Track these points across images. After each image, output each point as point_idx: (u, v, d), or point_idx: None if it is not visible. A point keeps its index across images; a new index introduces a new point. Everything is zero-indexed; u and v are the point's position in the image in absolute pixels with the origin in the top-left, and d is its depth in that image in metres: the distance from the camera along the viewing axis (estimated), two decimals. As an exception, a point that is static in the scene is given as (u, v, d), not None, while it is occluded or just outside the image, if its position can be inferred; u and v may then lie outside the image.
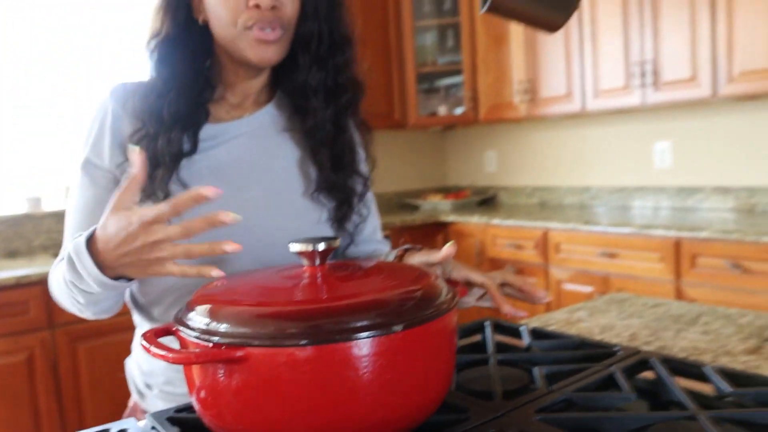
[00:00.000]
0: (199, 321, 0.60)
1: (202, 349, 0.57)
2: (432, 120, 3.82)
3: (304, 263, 0.67)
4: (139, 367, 0.99)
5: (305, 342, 0.54)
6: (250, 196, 0.94)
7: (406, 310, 0.59)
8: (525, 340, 0.91)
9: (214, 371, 0.58)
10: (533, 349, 0.89)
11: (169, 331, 0.64)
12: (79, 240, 0.77)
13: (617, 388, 0.72)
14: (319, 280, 0.64)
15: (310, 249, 0.65)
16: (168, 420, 0.70)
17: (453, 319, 0.64)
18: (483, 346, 0.91)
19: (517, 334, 0.94)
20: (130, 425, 0.71)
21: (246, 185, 0.95)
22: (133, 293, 0.97)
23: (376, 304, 0.58)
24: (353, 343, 0.55)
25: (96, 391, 2.47)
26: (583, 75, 3.06)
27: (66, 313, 2.35)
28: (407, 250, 0.94)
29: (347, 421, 0.57)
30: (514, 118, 3.46)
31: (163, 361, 0.92)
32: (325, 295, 0.61)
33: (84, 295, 0.82)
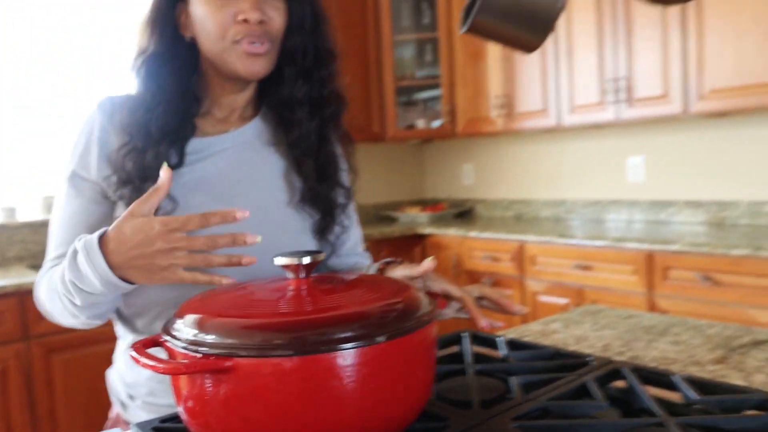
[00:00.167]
0: (187, 332, 0.61)
1: (191, 360, 0.58)
2: (410, 133, 3.86)
3: (290, 276, 0.69)
4: (122, 378, 1.00)
5: (292, 353, 0.56)
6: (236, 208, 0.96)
7: (389, 321, 0.61)
8: (501, 351, 0.93)
9: (202, 381, 0.59)
10: (510, 360, 0.91)
11: (156, 342, 0.65)
12: (90, 238, 0.80)
13: (590, 397, 0.74)
14: (304, 293, 0.66)
15: (296, 262, 0.67)
16: (153, 430, 0.71)
17: (433, 330, 0.67)
18: (461, 356, 0.93)
19: (493, 345, 0.97)
20: (116, 435, 0.72)
21: (232, 198, 0.96)
22: (117, 305, 0.98)
23: (359, 315, 0.60)
24: (338, 353, 0.57)
25: (71, 403, 2.45)
26: (559, 91, 3.12)
27: (41, 325, 2.36)
28: (388, 263, 0.96)
29: (332, 430, 0.59)
30: (491, 132, 3.51)
31: (146, 373, 0.94)
32: (310, 307, 0.63)
33: (83, 296, 0.83)
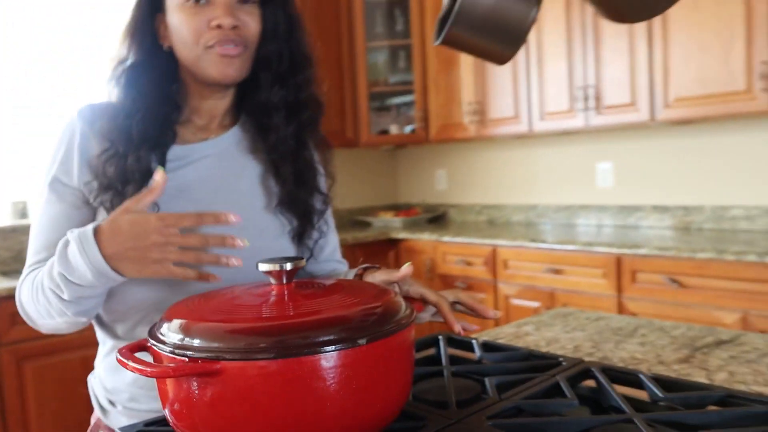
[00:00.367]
0: (173, 336, 0.63)
1: (178, 363, 0.60)
2: (384, 139, 3.89)
3: (272, 282, 0.71)
4: (102, 384, 1.00)
5: (276, 355, 0.58)
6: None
7: (369, 325, 0.63)
8: (476, 353, 0.96)
9: (189, 384, 0.61)
10: (484, 361, 0.94)
11: (142, 347, 0.67)
12: (84, 229, 0.82)
13: (562, 396, 0.78)
14: (286, 298, 0.68)
15: (278, 268, 0.69)
16: (138, 433, 0.73)
17: (411, 333, 0.69)
18: (437, 358, 0.96)
19: (469, 347, 1.00)
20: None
21: (213, 204, 0.98)
22: (100, 307, 0.99)
23: (341, 319, 0.62)
24: (321, 355, 0.59)
25: (43, 411, 2.42)
26: (530, 98, 3.18)
27: (12, 332, 2.34)
28: (366, 269, 0.99)
29: (315, 429, 0.61)
30: (463, 138, 3.55)
31: (127, 378, 0.95)
32: (294, 312, 0.65)
33: (72, 289, 0.84)
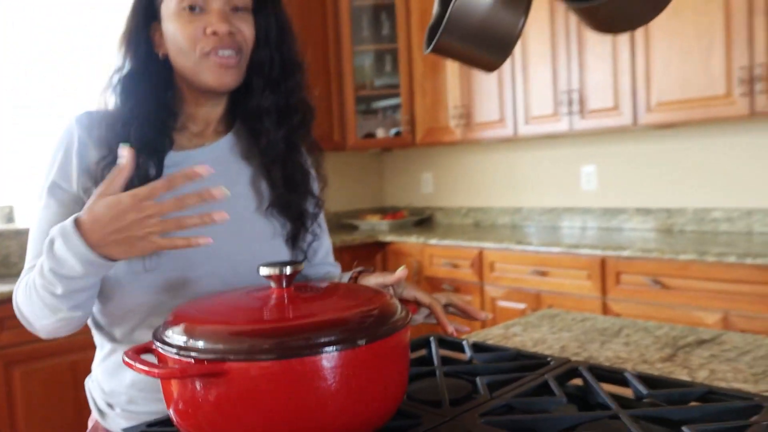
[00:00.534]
0: (178, 339, 0.65)
1: (185, 364, 0.62)
2: (371, 142, 3.92)
3: (272, 285, 0.73)
4: (100, 387, 1.02)
5: (280, 356, 0.61)
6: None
7: (367, 326, 0.66)
8: (467, 354, 0.99)
9: (193, 385, 0.63)
10: (475, 362, 0.97)
11: (147, 349, 0.69)
12: (64, 223, 0.80)
13: (551, 394, 0.81)
14: (287, 301, 0.71)
15: (278, 272, 0.72)
16: (141, 434, 0.75)
17: (407, 334, 0.72)
18: (429, 359, 0.99)
19: (459, 347, 1.03)
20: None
21: (209, 210, 0.99)
22: (94, 314, 1.00)
23: (341, 321, 0.65)
24: (322, 356, 0.62)
25: (32, 416, 2.41)
26: (515, 102, 3.22)
27: (0, 337, 2.33)
28: (360, 273, 1.01)
29: (316, 428, 0.63)
30: (449, 141, 3.59)
31: (126, 381, 0.97)
32: (295, 314, 0.67)
33: (64, 283, 0.82)
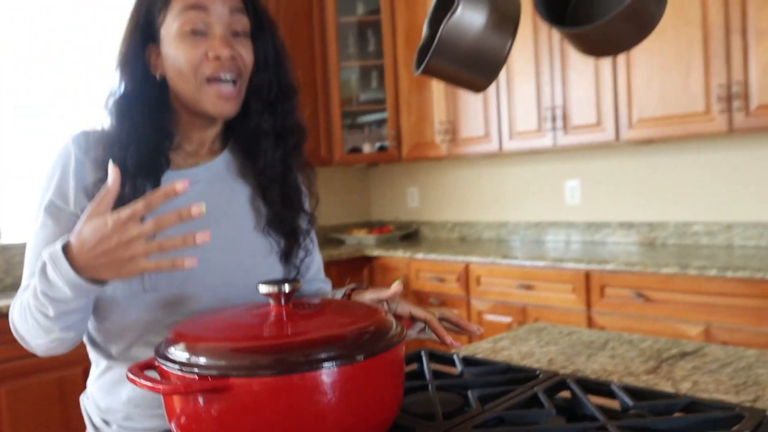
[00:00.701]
0: (180, 355, 0.67)
1: (188, 380, 0.64)
2: (357, 157, 3.94)
3: (271, 302, 0.75)
4: (96, 404, 1.03)
5: (280, 371, 0.63)
6: (210, 237, 1.01)
7: (364, 342, 0.68)
8: (458, 367, 1.01)
9: (196, 400, 0.65)
10: (466, 375, 0.99)
11: (149, 365, 0.71)
12: (54, 246, 0.81)
13: (540, 406, 0.83)
14: (286, 318, 0.73)
15: (277, 290, 0.74)
16: (141, 449, 0.76)
17: (402, 349, 0.75)
18: (421, 373, 1.01)
19: (450, 362, 1.05)
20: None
21: (205, 228, 1.01)
22: (90, 331, 1.02)
23: (339, 337, 0.67)
24: (322, 371, 0.64)
25: (18, 433, 2.40)
26: (500, 118, 3.27)
27: (-15, 355, 2.32)
28: (353, 290, 1.04)
29: (315, 441, 0.65)
30: (435, 156, 3.63)
31: (122, 397, 0.98)
32: (295, 331, 0.70)
33: (55, 305, 0.84)
